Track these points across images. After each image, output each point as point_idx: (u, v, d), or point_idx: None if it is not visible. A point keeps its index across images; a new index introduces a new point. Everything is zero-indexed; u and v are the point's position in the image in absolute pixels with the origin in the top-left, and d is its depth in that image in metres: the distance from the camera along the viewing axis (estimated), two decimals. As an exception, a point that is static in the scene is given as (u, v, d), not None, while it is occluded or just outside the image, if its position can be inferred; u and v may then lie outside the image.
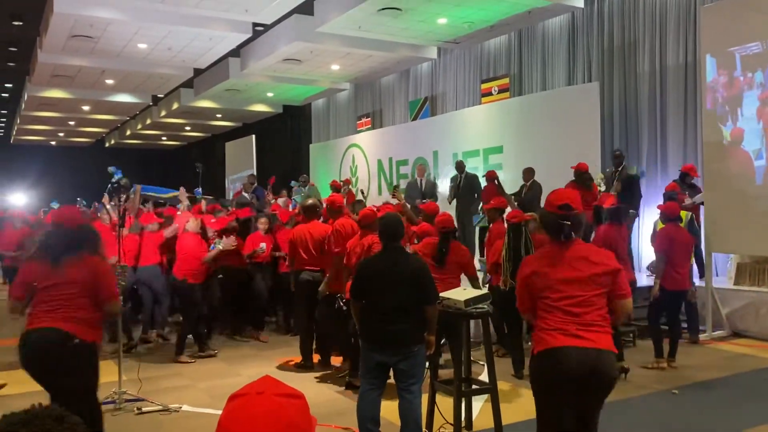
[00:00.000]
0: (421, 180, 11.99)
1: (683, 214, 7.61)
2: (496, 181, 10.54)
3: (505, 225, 6.39)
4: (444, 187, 12.03)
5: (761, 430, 4.65)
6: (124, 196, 5.85)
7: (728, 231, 7.66)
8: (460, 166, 11.24)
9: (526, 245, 5.90)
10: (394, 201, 9.16)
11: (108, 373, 6.38)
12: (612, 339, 3.13)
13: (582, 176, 8.52)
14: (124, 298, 6.33)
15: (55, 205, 13.84)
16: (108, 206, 8.22)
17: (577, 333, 3.03)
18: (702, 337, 7.59)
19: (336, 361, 6.61)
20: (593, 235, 6.75)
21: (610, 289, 3.15)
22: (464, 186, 10.95)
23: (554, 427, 3.14)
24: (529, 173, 9.51)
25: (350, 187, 14.66)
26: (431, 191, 11.59)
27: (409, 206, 10.36)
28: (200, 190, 10.33)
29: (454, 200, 10.98)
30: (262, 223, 8.32)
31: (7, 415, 1.07)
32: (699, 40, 8.68)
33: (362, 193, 11.92)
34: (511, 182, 11.46)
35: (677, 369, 6.36)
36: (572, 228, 3.20)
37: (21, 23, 12.79)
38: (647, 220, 9.87)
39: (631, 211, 8.19)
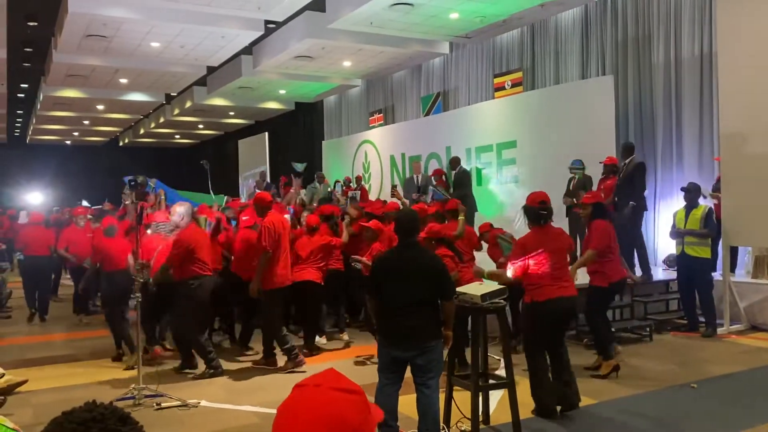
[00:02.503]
0: (417, 177, 12.04)
1: (702, 206, 7.57)
2: (443, 177, 11.00)
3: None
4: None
5: (782, 424, 4.62)
6: (141, 194, 5.86)
7: (746, 223, 7.57)
8: (454, 162, 11.28)
9: None
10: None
11: (127, 370, 6.48)
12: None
13: (616, 168, 8.56)
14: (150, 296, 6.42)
15: (85, 203, 13.91)
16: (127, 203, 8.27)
17: (561, 285, 4.77)
18: (720, 330, 7.53)
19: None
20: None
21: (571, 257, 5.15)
22: (455, 182, 10.99)
23: (544, 348, 4.86)
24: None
25: (362, 183, 14.74)
26: (426, 187, 11.61)
27: (407, 203, 10.46)
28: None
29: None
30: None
31: (68, 413, 1.09)
32: (715, 30, 8.60)
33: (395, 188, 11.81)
34: (524, 176, 11.44)
35: (695, 363, 6.31)
36: (548, 216, 4.87)
37: (36, 24, 12.88)
38: (663, 213, 9.82)
39: (631, 203, 8.09)
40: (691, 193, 7.65)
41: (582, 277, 6.09)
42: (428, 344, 4.01)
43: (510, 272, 4.85)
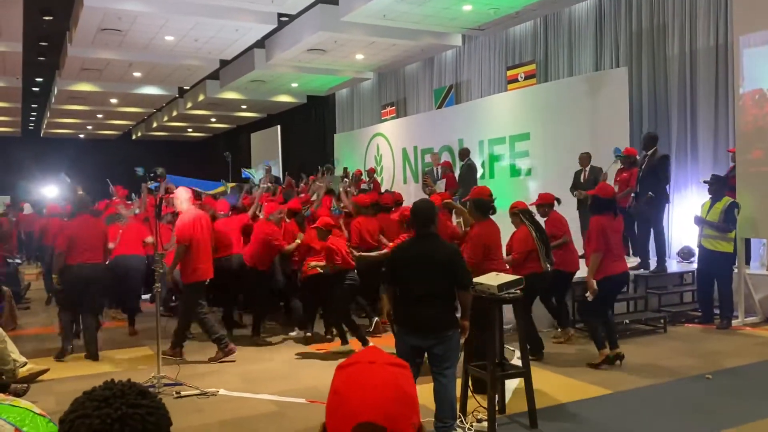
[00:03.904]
0: (436, 169, 12.09)
1: (725, 199, 7.55)
2: (450, 170, 11.26)
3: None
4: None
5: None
6: (162, 186, 5.94)
7: (761, 216, 7.55)
8: (462, 154, 11.31)
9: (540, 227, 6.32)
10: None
11: (146, 359, 6.57)
12: None
13: (635, 160, 8.60)
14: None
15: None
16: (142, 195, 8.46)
17: (506, 270, 5.33)
18: (734, 323, 7.52)
19: None
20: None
21: None
22: (461, 174, 11.03)
23: None
24: (586, 158, 9.37)
25: (375, 176, 14.78)
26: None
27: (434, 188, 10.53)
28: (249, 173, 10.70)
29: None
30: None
31: (89, 392, 1.14)
32: (731, 21, 8.54)
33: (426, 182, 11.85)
34: (537, 170, 11.44)
35: (710, 355, 6.32)
36: (495, 209, 5.46)
37: (51, 18, 12.99)
38: (677, 205, 9.79)
39: (649, 193, 8.08)
40: (714, 186, 7.63)
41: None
42: (446, 333, 4.06)
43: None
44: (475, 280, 4.54)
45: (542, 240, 6.07)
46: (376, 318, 7.62)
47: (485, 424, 4.35)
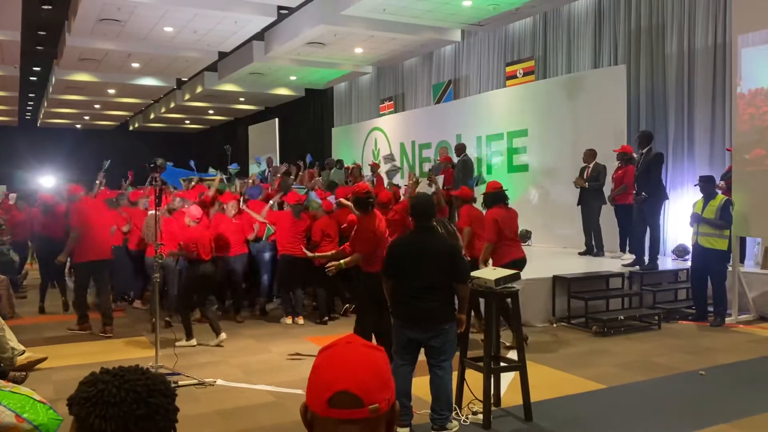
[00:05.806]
0: (438, 163, 12.12)
1: (719, 197, 7.59)
2: (450, 166, 11.34)
3: None
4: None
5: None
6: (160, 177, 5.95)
7: (756, 214, 7.60)
8: (457, 150, 11.36)
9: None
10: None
11: (144, 349, 6.61)
12: None
13: (631, 158, 8.79)
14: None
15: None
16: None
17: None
18: (728, 320, 7.57)
19: None
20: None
21: None
22: (456, 170, 11.07)
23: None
24: (590, 155, 9.44)
25: (377, 171, 14.76)
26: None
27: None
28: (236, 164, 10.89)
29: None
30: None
31: (104, 372, 1.18)
32: (730, 20, 8.58)
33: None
34: (536, 166, 11.48)
35: (704, 351, 6.38)
36: (374, 204, 5.76)
37: (50, 7, 12.95)
38: (673, 203, 9.84)
39: (643, 194, 8.15)
40: (704, 184, 7.68)
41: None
42: (443, 326, 4.10)
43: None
44: (472, 274, 4.60)
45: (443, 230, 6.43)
46: (347, 305, 8.33)
47: (480, 416, 4.40)
